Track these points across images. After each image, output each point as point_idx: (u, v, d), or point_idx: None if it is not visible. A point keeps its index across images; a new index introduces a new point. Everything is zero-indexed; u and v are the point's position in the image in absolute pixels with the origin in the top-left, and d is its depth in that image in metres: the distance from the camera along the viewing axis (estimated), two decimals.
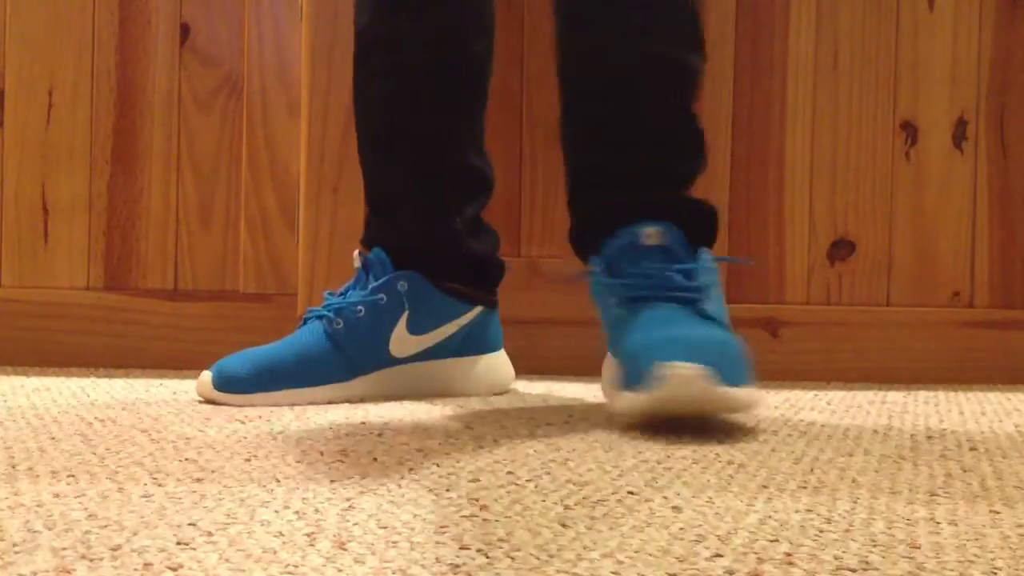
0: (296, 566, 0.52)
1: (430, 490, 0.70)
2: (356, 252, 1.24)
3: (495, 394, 1.27)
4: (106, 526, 0.59)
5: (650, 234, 1.02)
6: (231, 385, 1.14)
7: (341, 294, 1.23)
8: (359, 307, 1.19)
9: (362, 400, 1.18)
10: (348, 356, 1.18)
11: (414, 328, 1.21)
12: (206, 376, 1.16)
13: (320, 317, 1.20)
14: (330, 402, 1.16)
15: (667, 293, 1.00)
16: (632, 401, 0.90)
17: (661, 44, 1.07)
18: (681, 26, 1.09)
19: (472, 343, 1.26)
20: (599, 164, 1.13)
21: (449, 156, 1.25)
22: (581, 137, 1.15)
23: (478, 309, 1.25)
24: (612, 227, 1.07)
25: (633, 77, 1.08)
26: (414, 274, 1.21)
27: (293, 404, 1.14)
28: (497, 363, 1.29)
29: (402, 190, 1.25)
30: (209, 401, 1.15)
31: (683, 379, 0.87)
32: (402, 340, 1.21)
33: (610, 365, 1.06)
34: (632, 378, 0.92)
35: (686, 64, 1.09)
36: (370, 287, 1.20)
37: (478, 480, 0.74)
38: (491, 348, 1.29)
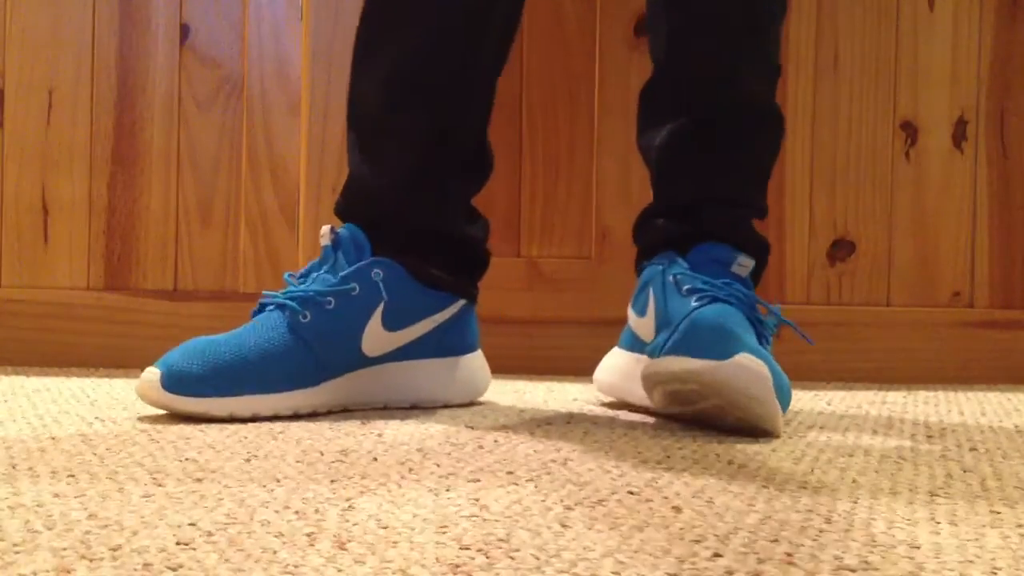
0: (296, 566, 0.52)
1: (430, 490, 0.70)
2: (326, 228, 1.09)
3: (472, 402, 1.15)
4: (106, 526, 0.59)
5: (744, 265, 1.08)
6: (182, 385, 0.98)
7: (302, 276, 1.08)
8: (328, 298, 1.05)
9: (330, 411, 1.05)
10: (315, 355, 1.04)
11: (390, 323, 1.08)
12: (152, 374, 0.99)
13: (281, 306, 1.05)
14: (295, 413, 1.02)
15: (748, 312, 1.05)
16: (684, 364, 0.91)
17: (765, 93, 1.17)
18: (774, 83, 1.18)
19: (450, 342, 1.13)
20: (714, 182, 1.15)
21: (474, 118, 1.14)
22: (693, 153, 1.16)
23: (460, 303, 1.13)
24: (709, 238, 1.11)
25: (761, 116, 1.16)
26: (391, 262, 1.08)
27: (254, 416, 1.00)
28: (475, 366, 1.16)
29: (416, 148, 1.11)
30: (156, 405, 0.99)
31: (752, 372, 0.89)
32: (376, 337, 1.07)
33: (632, 361, 1.08)
34: (689, 343, 0.94)
35: (782, 117, 1.19)
36: (340, 275, 1.06)
37: (478, 480, 0.74)
38: (470, 348, 1.15)
